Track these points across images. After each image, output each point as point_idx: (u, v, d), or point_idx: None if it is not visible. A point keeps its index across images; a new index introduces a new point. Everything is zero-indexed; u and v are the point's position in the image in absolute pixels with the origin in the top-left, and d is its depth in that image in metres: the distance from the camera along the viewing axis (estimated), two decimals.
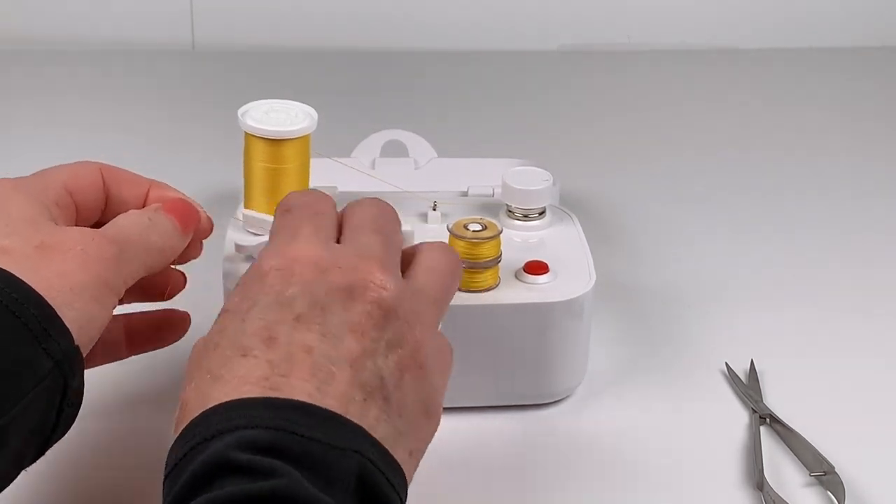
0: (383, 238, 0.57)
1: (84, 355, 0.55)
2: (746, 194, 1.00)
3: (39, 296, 0.53)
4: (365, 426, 0.49)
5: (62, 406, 0.54)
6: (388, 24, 1.29)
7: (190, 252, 0.64)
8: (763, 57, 1.28)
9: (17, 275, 0.53)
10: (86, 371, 0.56)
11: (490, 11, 1.29)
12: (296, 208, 0.58)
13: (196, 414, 0.48)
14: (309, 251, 0.54)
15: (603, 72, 1.25)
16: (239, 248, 0.70)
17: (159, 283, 0.64)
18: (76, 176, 0.63)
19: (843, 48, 1.30)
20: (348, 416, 0.48)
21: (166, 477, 0.48)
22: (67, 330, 0.53)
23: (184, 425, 0.48)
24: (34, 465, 0.56)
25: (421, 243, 0.60)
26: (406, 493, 0.50)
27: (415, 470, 0.53)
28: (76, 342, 0.54)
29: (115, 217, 0.61)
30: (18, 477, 0.55)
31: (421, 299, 0.55)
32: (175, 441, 0.48)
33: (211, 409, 0.48)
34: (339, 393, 0.49)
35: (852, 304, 0.85)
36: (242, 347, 0.50)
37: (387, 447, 0.49)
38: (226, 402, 0.48)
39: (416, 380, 0.53)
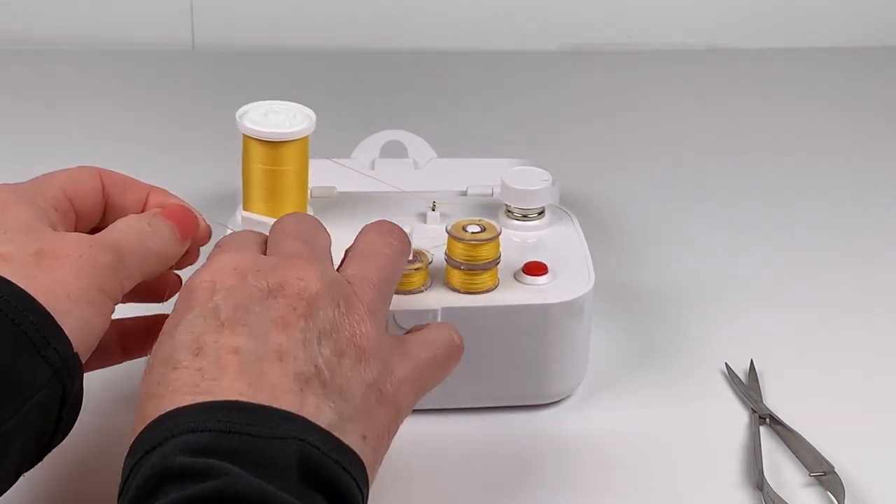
0: (304, 241, 0.58)
1: (83, 362, 0.55)
2: (746, 194, 1.00)
3: (38, 303, 0.53)
4: (304, 414, 0.49)
5: (61, 414, 0.54)
6: (388, 24, 1.29)
7: (188, 258, 0.64)
8: (763, 57, 1.28)
9: (16, 282, 0.53)
10: (85, 372, 0.56)
11: (490, 11, 1.29)
12: (225, 241, 0.59)
13: (138, 431, 0.49)
14: (230, 260, 0.55)
15: (603, 72, 1.25)
16: (245, 221, 0.70)
17: (156, 286, 0.64)
18: (75, 181, 0.63)
19: (843, 48, 1.30)
20: (283, 407, 0.49)
21: (119, 497, 0.48)
22: (66, 337, 0.53)
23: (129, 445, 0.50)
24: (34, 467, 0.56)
25: (363, 228, 0.61)
26: (365, 476, 0.50)
27: (379, 454, 0.53)
28: (75, 349, 0.54)
29: (112, 221, 0.61)
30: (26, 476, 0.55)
31: (355, 285, 0.56)
32: (124, 464, 0.49)
33: (148, 425, 0.49)
34: (270, 386, 0.50)
35: (852, 304, 0.85)
36: (173, 361, 0.51)
37: (333, 432, 0.50)
38: (161, 415, 0.49)
39: (357, 364, 0.53)
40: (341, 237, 0.73)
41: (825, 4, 1.30)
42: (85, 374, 0.56)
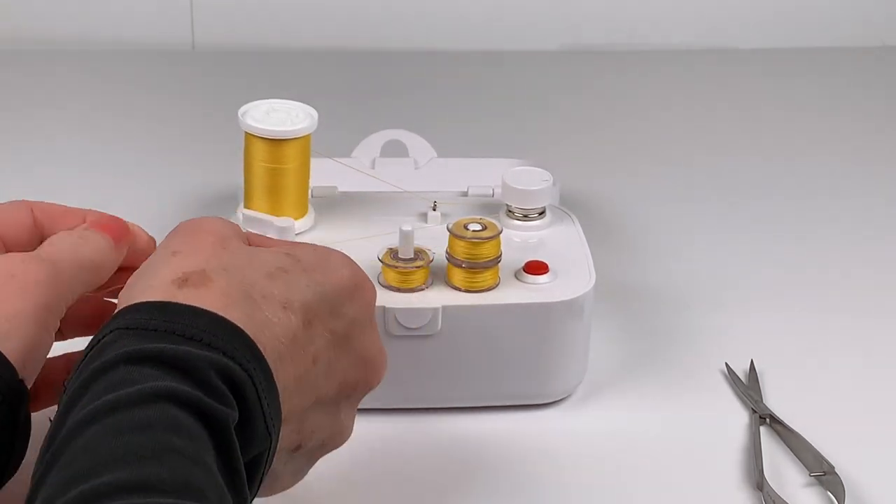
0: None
1: (29, 383, 0.54)
2: (746, 194, 1.00)
3: None
4: None
5: (13, 440, 0.53)
6: (389, 24, 1.29)
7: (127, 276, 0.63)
8: (763, 57, 1.28)
9: None
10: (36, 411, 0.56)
11: (491, 11, 1.29)
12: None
13: (210, 300, 0.50)
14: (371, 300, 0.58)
15: (603, 72, 1.25)
16: (246, 219, 0.70)
17: (99, 315, 0.63)
18: (3, 215, 0.62)
19: (843, 48, 1.30)
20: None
21: (123, 327, 0.49)
22: (9, 364, 0.52)
23: (190, 293, 0.50)
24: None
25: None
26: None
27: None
28: (20, 375, 0.53)
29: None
30: (15, 474, 0.55)
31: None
32: (168, 304, 0.50)
33: (223, 318, 0.50)
34: (292, 408, 0.52)
35: (852, 305, 0.85)
36: (288, 302, 0.53)
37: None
38: (238, 328, 0.49)
39: (316, 456, 0.58)
40: (342, 237, 0.73)
41: (825, 4, 1.30)
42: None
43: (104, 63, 1.23)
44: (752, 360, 0.77)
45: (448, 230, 0.69)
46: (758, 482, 0.66)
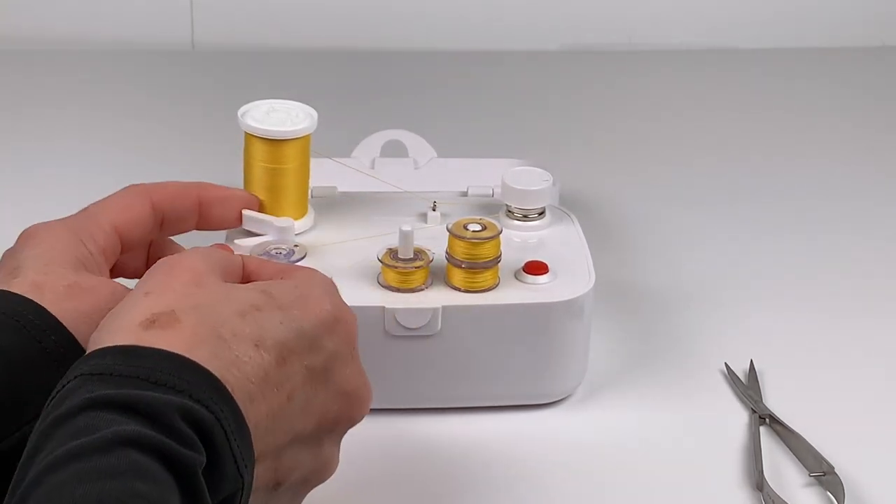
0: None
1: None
2: (746, 194, 1.00)
3: (59, 323, 0.54)
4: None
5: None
6: (389, 24, 1.29)
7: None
8: (763, 57, 1.28)
9: (46, 307, 0.55)
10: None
11: (490, 11, 1.29)
12: None
13: (177, 342, 0.50)
14: (351, 328, 0.57)
15: (603, 72, 1.25)
16: (238, 248, 0.70)
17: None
18: (126, 211, 0.65)
19: (843, 48, 1.30)
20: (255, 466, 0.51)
21: (88, 374, 0.48)
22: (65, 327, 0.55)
23: (158, 335, 0.50)
24: None
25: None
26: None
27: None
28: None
29: (173, 231, 0.66)
30: None
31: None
32: (132, 348, 0.49)
33: (190, 361, 0.49)
34: (267, 446, 0.52)
35: (852, 305, 0.85)
36: (260, 340, 0.52)
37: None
38: (205, 369, 0.49)
39: (301, 493, 0.56)
40: (342, 237, 0.73)
41: (825, 4, 1.30)
42: None
43: (104, 63, 1.23)
44: (751, 360, 0.77)
45: (448, 230, 0.69)
46: (758, 482, 0.66)
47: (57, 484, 0.43)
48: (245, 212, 0.71)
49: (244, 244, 0.70)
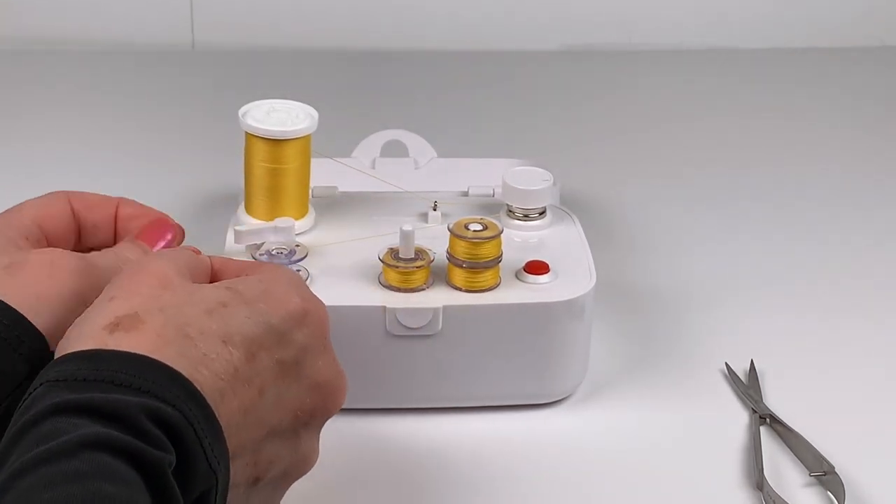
0: None
1: None
2: (746, 194, 1.00)
3: (8, 306, 0.55)
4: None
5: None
6: (388, 24, 1.29)
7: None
8: (763, 57, 1.28)
9: None
10: None
11: (490, 11, 1.29)
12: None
13: (142, 343, 0.50)
14: (318, 324, 0.57)
15: (603, 72, 1.25)
16: (238, 235, 0.70)
17: None
18: (44, 208, 0.65)
19: (843, 48, 1.30)
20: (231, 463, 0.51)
21: (58, 379, 0.48)
22: (42, 336, 0.55)
23: (121, 338, 0.50)
24: None
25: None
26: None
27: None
28: (51, 348, 0.54)
29: (88, 241, 0.66)
30: None
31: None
32: (95, 353, 0.49)
33: (154, 360, 0.49)
34: (241, 441, 0.52)
35: (852, 305, 0.85)
36: (228, 336, 0.52)
37: None
38: (172, 369, 0.49)
39: (281, 486, 0.56)
40: (343, 237, 0.73)
41: (825, 4, 1.30)
42: None
43: (104, 63, 1.23)
44: (752, 360, 0.77)
45: (449, 230, 0.69)
46: (758, 482, 0.66)
47: (25, 489, 0.43)
48: (237, 228, 0.71)
49: (247, 243, 0.70)
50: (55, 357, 0.50)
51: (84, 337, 0.50)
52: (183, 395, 0.48)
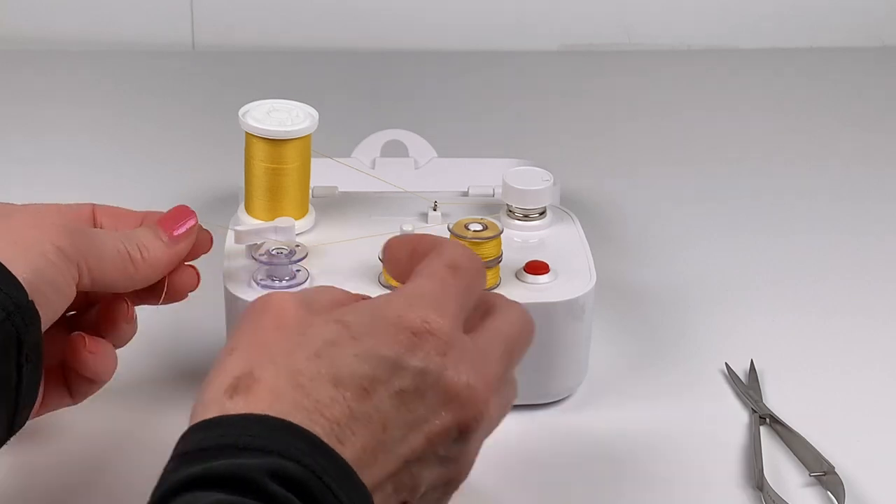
0: (509, 363, 0.57)
1: (45, 320, 0.56)
2: (746, 194, 1.00)
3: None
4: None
5: (20, 360, 0.54)
6: (388, 24, 1.29)
7: (187, 273, 0.66)
8: (763, 57, 1.28)
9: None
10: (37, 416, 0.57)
11: (490, 11, 1.29)
12: (461, 270, 0.56)
13: (258, 403, 0.49)
14: (446, 337, 0.53)
15: (603, 72, 1.25)
16: (238, 235, 0.70)
17: (172, 282, 0.65)
18: (66, 205, 0.65)
19: (843, 48, 1.30)
20: (373, 496, 0.49)
21: (186, 451, 0.48)
22: (20, 284, 0.54)
23: (242, 401, 0.49)
24: (41, 459, 0.56)
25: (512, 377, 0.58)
26: None
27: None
28: (30, 297, 0.54)
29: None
30: (25, 473, 0.55)
31: (491, 427, 0.56)
32: (216, 421, 0.49)
33: (273, 418, 0.48)
34: (379, 478, 0.50)
35: (852, 305, 0.85)
36: (338, 378, 0.50)
37: None
38: (290, 423, 0.48)
39: (439, 499, 0.55)
40: (343, 237, 0.73)
41: (825, 4, 1.30)
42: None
43: (104, 63, 1.23)
44: (752, 360, 0.77)
45: (449, 230, 0.69)
46: (758, 482, 0.66)
47: None
48: (237, 228, 0.71)
49: (247, 243, 0.70)
50: (190, 422, 0.50)
51: (208, 404, 0.50)
52: (305, 447, 0.48)
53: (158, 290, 0.65)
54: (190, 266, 0.66)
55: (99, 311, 0.65)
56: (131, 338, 0.65)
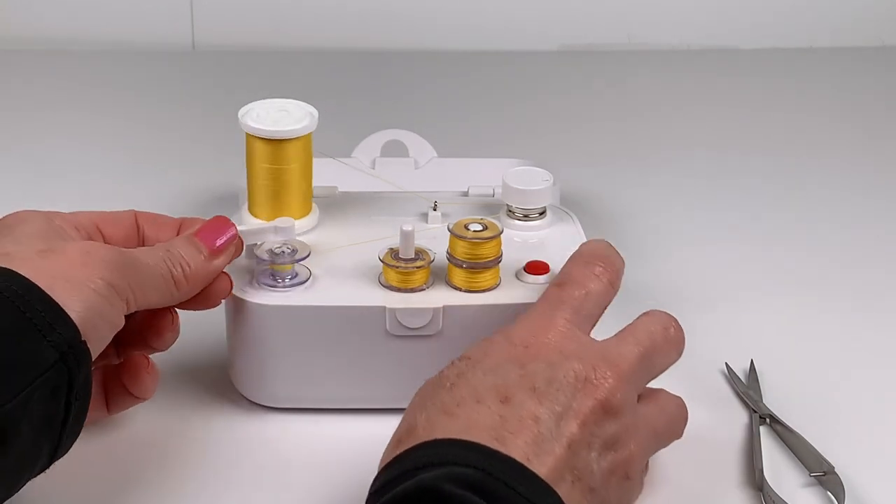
0: (642, 355, 0.62)
1: (95, 352, 0.56)
2: (746, 194, 1.00)
3: (42, 290, 0.54)
4: (565, 502, 0.53)
5: (69, 399, 0.55)
6: (388, 24, 1.29)
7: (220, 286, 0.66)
8: (763, 57, 1.28)
9: (21, 272, 0.55)
10: None
11: (490, 11, 1.29)
12: (568, 284, 0.64)
13: (422, 440, 0.54)
14: (559, 340, 0.60)
15: (603, 72, 1.25)
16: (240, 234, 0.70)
17: (207, 292, 0.66)
18: (108, 213, 0.66)
19: (843, 48, 1.30)
20: (553, 488, 0.53)
21: (374, 491, 0.53)
22: (73, 324, 0.55)
23: (407, 447, 0.54)
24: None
25: (661, 390, 0.65)
26: None
27: None
28: (82, 337, 0.55)
29: None
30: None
31: (643, 423, 0.60)
32: (394, 459, 0.54)
33: (438, 440, 0.54)
34: (551, 466, 0.54)
35: (852, 305, 0.85)
36: (478, 395, 0.56)
37: None
38: (453, 439, 0.53)
39: (620, 486, 0.58)
40: (343, 237, 0.73)
41: (825, 4, 1.31)
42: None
43: (104, 63, 1.23)
44: (752, 360, 0.77)
45: (449, 230, 0.69)
46: (758, 482, 0.66)
47: None
48: (240, 228, 0.71)
49: (247, 243, 0.70)
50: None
51: (383, 461, 0.56)
52: (472, 455, 0.52)
53: (194, 299, 0.66)
54: (224, 273, 0.66)
55: (142, 320, 0.65)
56: (173, 343, 0.66)
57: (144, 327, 0.65)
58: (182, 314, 0.67)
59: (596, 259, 0.65)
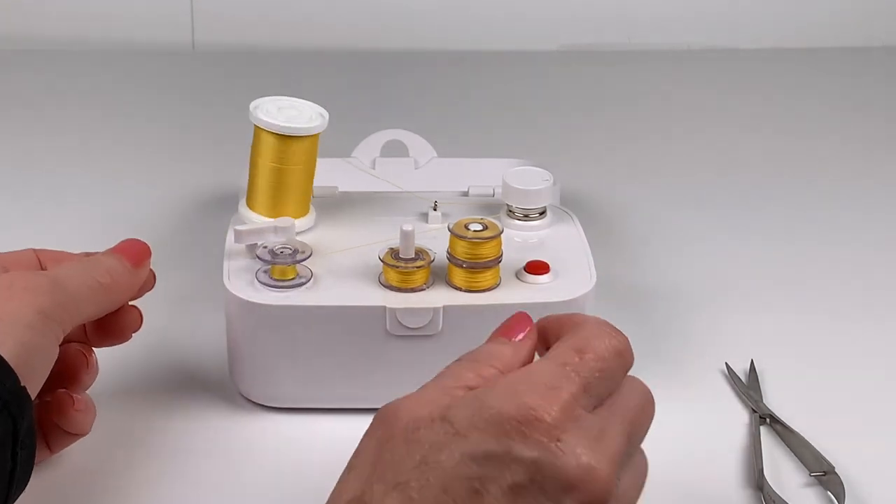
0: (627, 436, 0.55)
1: (33, 393, 0.53)
2: (746, 194, 1.00)
3: None
4: None
5: (15, 449, 0.52)
6: (388, 24, 1.29)
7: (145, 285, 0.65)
8: (763, 57, 1.28)
9: None
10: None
11: (490, 11, 1.29)
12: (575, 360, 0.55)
13: None
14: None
15: (603, 72, 1.25)
16: (238, 234, 0.70)
17: (117, 324, 0.64)
18: (8, 255, 0.62)
19: (843, 48, 1.30)
20: None
21: None
22: (10, 368, 0.52)
23: None
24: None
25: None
26: None
27: None
28: (21, 382, 0.52)
29: None
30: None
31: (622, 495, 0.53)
32: None
33: None
34: None
35: (852, 305, 0.85)
36: (445, 484, 0.48)
37: None
38: None
39: None
40: (343, 237, 0.73)
41: (825, 4, 1.31)
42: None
43: (104, 63, 1.23)
44: (752, 360, 0.77)
45: (449, 230, 0.69)
46: (758, 482, 0.66)
47: None
48: (237, 227, 0.71)
49: (247, 243, 0.70)
50: None
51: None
52: None
53: (106, 333, 0.64)
54: (132, 306, 0.65)
55: (58, 361, 0.60)
56: (91, 384, 0.64)
57: (62, 368, 0.62)
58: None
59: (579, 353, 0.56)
